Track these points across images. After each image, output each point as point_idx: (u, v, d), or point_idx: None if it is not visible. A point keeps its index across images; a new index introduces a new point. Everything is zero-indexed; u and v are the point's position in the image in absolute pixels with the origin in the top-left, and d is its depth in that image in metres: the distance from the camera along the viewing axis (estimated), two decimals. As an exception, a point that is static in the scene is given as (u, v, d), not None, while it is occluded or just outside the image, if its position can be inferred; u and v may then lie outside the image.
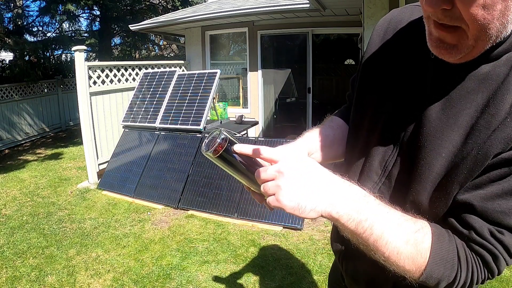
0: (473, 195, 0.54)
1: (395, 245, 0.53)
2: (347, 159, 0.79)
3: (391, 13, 0.74)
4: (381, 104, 0.68)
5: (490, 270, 0.55)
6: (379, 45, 0.72)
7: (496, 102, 0.52)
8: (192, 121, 4.18)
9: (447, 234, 0.56)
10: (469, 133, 0.54)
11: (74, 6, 8.97)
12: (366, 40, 3.53)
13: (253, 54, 6.28)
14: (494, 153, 0.51)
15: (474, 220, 0.54)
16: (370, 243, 0.54)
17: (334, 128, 0.84)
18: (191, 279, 2.49)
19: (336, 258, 0.88)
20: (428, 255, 0.54)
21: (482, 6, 0.44)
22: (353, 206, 0.54)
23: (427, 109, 0.59)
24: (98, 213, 3.65)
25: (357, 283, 0.79)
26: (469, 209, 0.54)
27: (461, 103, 0.55)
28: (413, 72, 0.64)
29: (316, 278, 2.44)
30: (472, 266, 0.55)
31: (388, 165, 0.66)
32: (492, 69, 0.54)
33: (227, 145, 0.57)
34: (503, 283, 2.27)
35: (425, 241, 0.54)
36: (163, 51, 15.69)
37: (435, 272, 0.54)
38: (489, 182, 0.53)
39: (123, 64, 5.17)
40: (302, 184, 0.54)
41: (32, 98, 7.83)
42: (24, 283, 2.48)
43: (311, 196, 0.53)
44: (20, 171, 5.40)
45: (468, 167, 0.54)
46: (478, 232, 0.53)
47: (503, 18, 0.46)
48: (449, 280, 0.55)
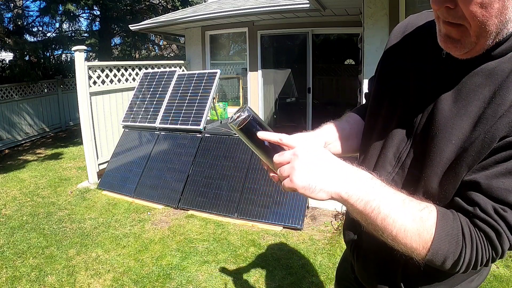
0: (479, 175, 0.57)
1: (401, 222, 0.56)
2: (362, 150, 0.84)
3: (408, 18, 0.81)
4: (397, 101, 0.73)
5: (494, 247, 0.57)
6: (397, 45, 0.78)
7: (502, 93, 0.57)
8: (192, 121, 4.18)
9: (451, 213, 0.59)
10: (477, 122, 0.58)
11: (74, 6, 8.97)
12: (366, 40, 3.53)
13: (253, 54, 6.28)
14: (500, 136, 0.55)
15: (479, 197, 0.57)
16: (378, 222, 0.57)
17: (350, 123, 0.90)
18: (191, 279, 2.49)
19: (348, 248, 0.91)
20: (434, 232, 0.57)
21: (480, 5, 0.50)
22: (362, 187, 0.58)
23: (439, 102, 0.64)
24: (98, 213, 3.65)
25: (367, 272, 0.82)
26: (475, 187, 0.58)
27: (470, 96, 0.60)
28: (426, 72, 0.69)
29: (316, 278, 2.44)
30: (477, 242, 0.57)
31: (402, 155, 0.71)
32: (497, 65, 0.59)
33: (250, 120, 0.63)
34: (503, 283, 2.27)
35: (430, 218, 0.57)
36: (163, 51, 15.68)
37: (441, 248, 0.56)
38: (495, 163, 0.56)
39: (123, 64, 5.17)
40: (314, 167, 0.59)
41: (32, 98, 7.83)
42: (24, 283, 2.48)
43: (322, 177, 0.58)
44: (20, 171, 5.40)
45: (476, 150, 0.58)
46: (482, 208, 0.56)
47: (501, 16, 0.51)
48: (454, 257, 0.57)
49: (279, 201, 3.28)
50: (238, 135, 0.66)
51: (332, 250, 2.75)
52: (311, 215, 3.39)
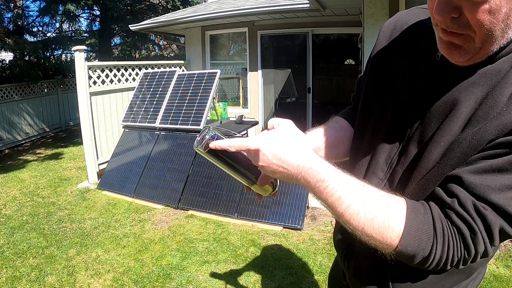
0: (462, 170, 0.54)
1: (367, 215, 0.55)
2: (352, 156, 0.80)
3: (397, 15, 0.77)
4: (387, 102, 0.70)
5: (467, 246, 0.53)
6: (386, 44, 0.74)
7: (495, 94, 0.54)
8: (192, 121, 4.18)
9: (422, 206, 0.57)
10: (467, 123, 0.56)
11: (74, 6, 8.97)
12: (366, 40, 3.53)
13: (253, 54, 6.28)
14: (488, 139, 0.52)
15: (459, 190, 0.53)
16: (339, 211, 0.57)
17: (337, 129, 0.86)
18: (191, 279, 2.49)
19: (338, 254, 0.89)
20: (403, 227, 0.54)
21: (489, 12, 0.46)
22: (317, 168, 0.59)
23: (433, 106, 0.61)
24: (98, 213, 3.65)
25: (359, 280, 0.80)
26: (456, 180, 0.55)
27: (461, 95, 0.57)
28: (419, 70, 0.65)
29: (316, 278, 2.44)
30: (449, 238, 0.53)
31: (393, 162, 0.68)
32: (494, 66, 0.56)
33: (216, 139, 0.63)
34: (503, 283, 2.27)
35: (400, 212, 0.55)
36: (163, 51, 15.68)
37: (411, 243, 0.54)
38: (480, 159, 0.53)
39: (123, 64, 5.17)
40: (276, 146, 0.61)
41: (32, 98, 7.83)
42: (24, 283, 2.48)
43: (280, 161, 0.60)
44: (20, 171, 5.40)
45: (462, 151, 0.55)
46: (461, 202, 0.53)
47: (508, 19, 0.47)
48: (424, 254, 0.54)
49: (279, 201, 3.28)
50: (207, 158, 0.66)
51: (332, 250, 2.75)
52: (311, 215, 3.39)
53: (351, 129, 0.85)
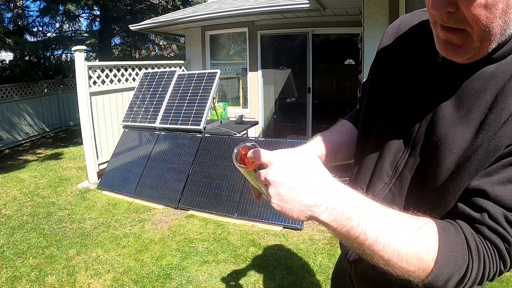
0: (484, 181, 0.53)
1: (394, 247, 0.50)
2: (356, 160, 0.79)
3: (400, 18, 0.77)
4: (392, 105, 0.69)
5: (503, 258, 0.51)
6: (390, 46, 0.74)
7: (504, 96, 0.53)
8: (192, 121, 4.18)
9: (452, 226, 0.54)
10: (479, 129, 0.55)
11: (74, 6, 8.97)
12: (366, 40, 3.53)
13: (253, 54, 6.28)
14: (505, 144, 0.52)
15: (488, 204, 0.51)
16: (365, 247, 0.51)
17: (343, 133, 0.86)
18: (191, 279, 2.49)
19: (345, 258, 0.87)
20: (437, 250, 0.51)
21: (484, 7, 0.46)
22: (344, 209, 0.51)
23: (439, 109, 0.60)
24: (98, 213, 3.65)
25: (366, 284, 0.79)
26: (481, 194, 0.52)
27: (471, 101, 0.57)
28: (423, 73, 0.65)
29: (316, 278, 2.44)
30: (484, 256, 0.51)
31: (399, 166, 0.67)
32: (498, 67, 0.55)
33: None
34: (503, 283, 2.27)
35: (431, 236, 0.51)
36: (163, 51, 15.69)
37: (446, 267, 0.51)
38: (501, 169, 0.52)
39: (123, 64, 5.17)
40: (287, 189, 0.51)
41: (32, 98, 7.83)
42: (24, 283, 2.48)
43: (296, 200, 0.51)
44: (20, 171, 5.40)
45: (479, 159, 0.54)
46: (492, 215, 0.51)
47: (506, 16, 0.47)
48: (460, 274, 0.51)
49: (279, 201, 3.27)
50: (245, 175, 0.62)
51: (332, 250, 2.75)
52: (311, 215, 3.39)
53: (357, 132, 0.84)
